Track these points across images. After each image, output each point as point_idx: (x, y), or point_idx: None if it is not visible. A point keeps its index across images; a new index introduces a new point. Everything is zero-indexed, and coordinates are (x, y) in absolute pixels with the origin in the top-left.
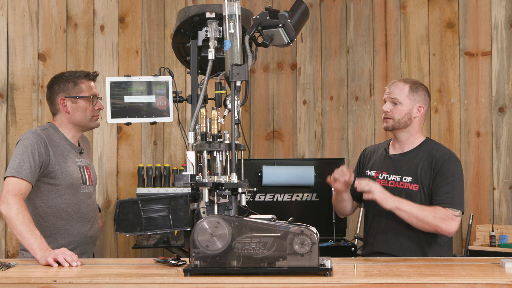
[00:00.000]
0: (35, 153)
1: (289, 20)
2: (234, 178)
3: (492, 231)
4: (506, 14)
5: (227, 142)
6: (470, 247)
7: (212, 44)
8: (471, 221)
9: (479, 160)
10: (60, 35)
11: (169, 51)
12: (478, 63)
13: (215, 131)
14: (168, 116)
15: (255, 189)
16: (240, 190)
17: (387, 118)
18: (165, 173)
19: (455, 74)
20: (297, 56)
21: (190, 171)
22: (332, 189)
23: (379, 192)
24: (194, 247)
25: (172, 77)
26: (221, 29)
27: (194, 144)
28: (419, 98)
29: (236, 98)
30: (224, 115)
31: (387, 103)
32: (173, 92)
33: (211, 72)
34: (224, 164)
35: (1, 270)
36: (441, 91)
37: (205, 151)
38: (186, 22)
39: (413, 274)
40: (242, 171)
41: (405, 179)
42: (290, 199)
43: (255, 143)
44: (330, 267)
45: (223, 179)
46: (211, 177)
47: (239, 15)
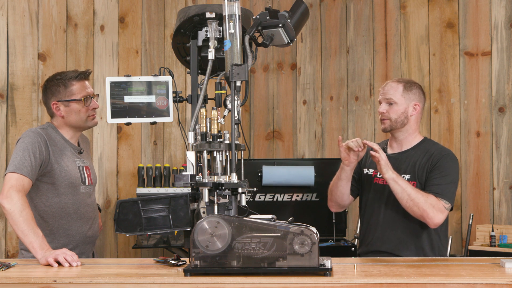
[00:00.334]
0: (36, 150)
1: (289, 20)
2: (234, 178)
3: (492, 231)
4: (506, 14)
5: (227, 142)
6: (470, 247)
7: (212, 44)
8: (471, 221)
9: (479, 160)
10: (60, 35)
11: (169, 51)
12: (478, 63)
13: (215, 131)
14: (168, 116)
15: (255, 189)
16: (240, 190)
17: (384, 119)
18: (165, 173)
19: (455, 74)
20: (297, 56)
21: (190, 171)
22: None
23: (384, 157)
24: (194, 247)
25: (172, 77)
26: (221, 29)
27: (194, 144)
28: (414, 96)
29: (236, 98)
30: (224, 115)
31: (382, 104)
32: (173, 92)
33: (211, 72)
34: (224, 164)
35: (1, 270)
36: (441, 91)
37: (205, 151)
38: (186, 22)
39: (413, 274)
40: (242, 171)
41: (403, 176)
42: (290, 199)
43: (255, 143)
44: (330, 267)
45: (223, 179)
46: (211, 177)
47: (239, 15)
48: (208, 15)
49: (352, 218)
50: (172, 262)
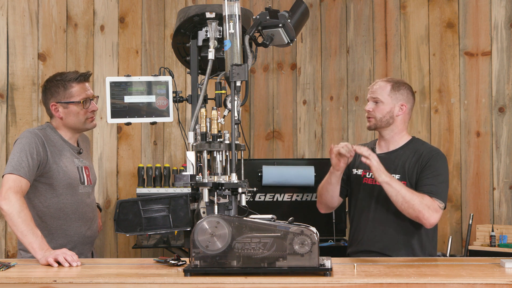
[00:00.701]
0: (33, 151)
1: (289, 20)
2: (234, 178)
3: (492, 231)
4: (506, 14)
5: (227, 142)
6: (470, 247)
7: (212, 44)
8: (471, 221)
9: (479, 160)
10: (60, 35)
11: (169, 51)
12: (478, 63)
13: (215, 131)
14: (168, 116)
15: (255, 189)
16: (240, 190)
17: (370, 118)
18: (165, 173)
19: (455, 74)
20: (297, 56)
21: (190, 171)
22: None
23: (376, 161)
24: (194, 247)
25: (172, 77)
26: (221, 29)
27: (194, 144)
28: (401, 97)
29: (236, 98)
30: (224, 115)
31: (369, 102)
32: (173, 92)
33: (211, 72)
34: (224, 164)
35: (1, 270)
36: (441, 91)
37: (205, 151)
38: (186, 22)
39: (413, 274)
40: (242, 171)
41: (393, 176)
42: (290, 199)
43: (255, 143)
44: (330, 267)
45: (223, 179)
46: (211, 177)
47: (239, 15)
48: (208, 15)
49: None
50: (172, 262)
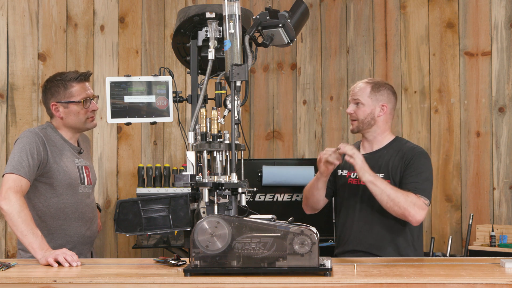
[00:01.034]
0: (34, 151)
1: (289, 20)
2: (234, 178)
3: (492, 231)
4: (506, 14)
5: (227, 142)
6: (470, 247)
7: (212, 44)
8: (471, 221)
9: (479, 160)
10: (60, 35)
11: (169, 51)
12: (478, 63)
13: (215, 131)
14: (168, 116)
15: (255, 189)
16: (240, 190)
17: (353, 120)
18: (165, 173)
19: (455, 74)
20: (297, 56)
21: (190, 171)
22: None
23: (360, 160)
24: (194, 247)
25: (172, 77)
26: (221, 29)
27: (194, 144)
28: (382, 98)
29: (236, 98)
30: (224, 115)
31: (351, 104)
32: (173, 92)
33: (211, 72)
34: (224, 164)
35: (1, 270)
36: (441, 91)
37: (205, 151)
38: (186, 22)
39: (413, 274)
40: (242, 171)
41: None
42: (290, 199)
43: (255, 143)
44: (330, 267)
45: (223, 179)
46: (211, 177)
47: (239, 15)
48: (208, 15)
49: None
50: (172, 262)
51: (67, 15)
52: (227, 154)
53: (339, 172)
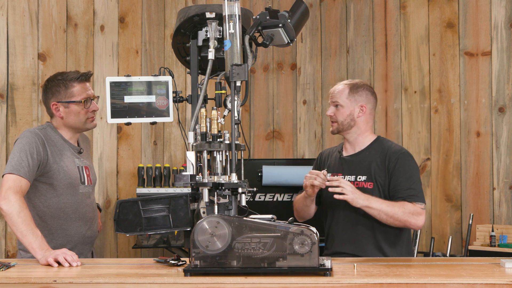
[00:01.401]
0: (33, 151)
1: (289, 20)
2: (234, 178)
3: (492, 231)
4: (506, 14)
5: (227, 142)
6: (470, 247)
7: (212, 44)
8: (471, 221)
9: (479, 160)
10: (60, 35)
11: (169, 51)
12: (478, 63)
13: (215, 131)
14: (168, 116)
15: (255, 189)
16: (240, 190)
17: (332, 122)
18: (165, 173)
19: (455, 74)
20: (297, 56)
21: (190, 171)
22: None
23: (351, 192)
24: (194, 247)
25: (172, 77)
26: (221, 29)
27: (194, 144)
28: (360, 98)
29: (236, 98)
30: (224, 115)
31: (330, 107)
32: (173, 92)
33: (211, 72)
34: (224, 164)
35: (1, 270)
36: (441, 91)
37: (205, 151)
38: (186, 22)
39: (413, 274)
40: (242, 171)
41: (359, 178)
42: (290, 199)
43: (255, 143)
44: (330, 267)
45: (223, 179)
46: (211, 177)
47: (239, 15)
48: (208, 15)
49: None
50: (172, 262)
51: (67, 15)
52: (227, 154)
53: (325, 171)
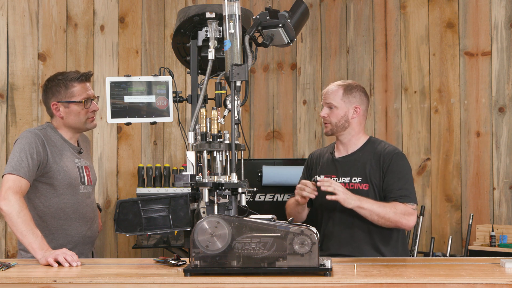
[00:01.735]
0: (33, 151)
1: (289, 20)
2: (234, 178)
3: (492, 231)
4: (506, 14)
5: (227, 142)
6: (470, 247)
7: (212, 44)
8: (471, 221)
9: (479, 160)
10: (60, 35)
11: (169, 51)
12: (478, 63)
13: (215, 131)
14: (168, 116)
15: (255, 189)
16: (240, 190)
17: (326, 123)
18: (165, 173)
19: (455, 74)
20: (297, 56)
21: (190, 171)
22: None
23: (342, 193)
24: (194, 247)
25: (172, 77)
26: (221, 29)
27: (194, 144)
28: (354, 99)
29: (236, 98)
30: (224, 115)
31: (324, 108)
32: (173, 92)
33: (211, 72)
34: (224, 164)
35: (1, 270)
36: (441, 91)
37: (205, 151)
38: (186, 22)
39: (413, 274)
40: (242, 171)
41: (354, 180)
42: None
43: (255, 143)
44: (330, 267)
45: (223, 179)
46: (211, 177)
47: (239, 15)
48: (208, 15)
49: None
50: (172, 262)
51: (67, 15)
52: (227, 154)
53: (316, 177)
